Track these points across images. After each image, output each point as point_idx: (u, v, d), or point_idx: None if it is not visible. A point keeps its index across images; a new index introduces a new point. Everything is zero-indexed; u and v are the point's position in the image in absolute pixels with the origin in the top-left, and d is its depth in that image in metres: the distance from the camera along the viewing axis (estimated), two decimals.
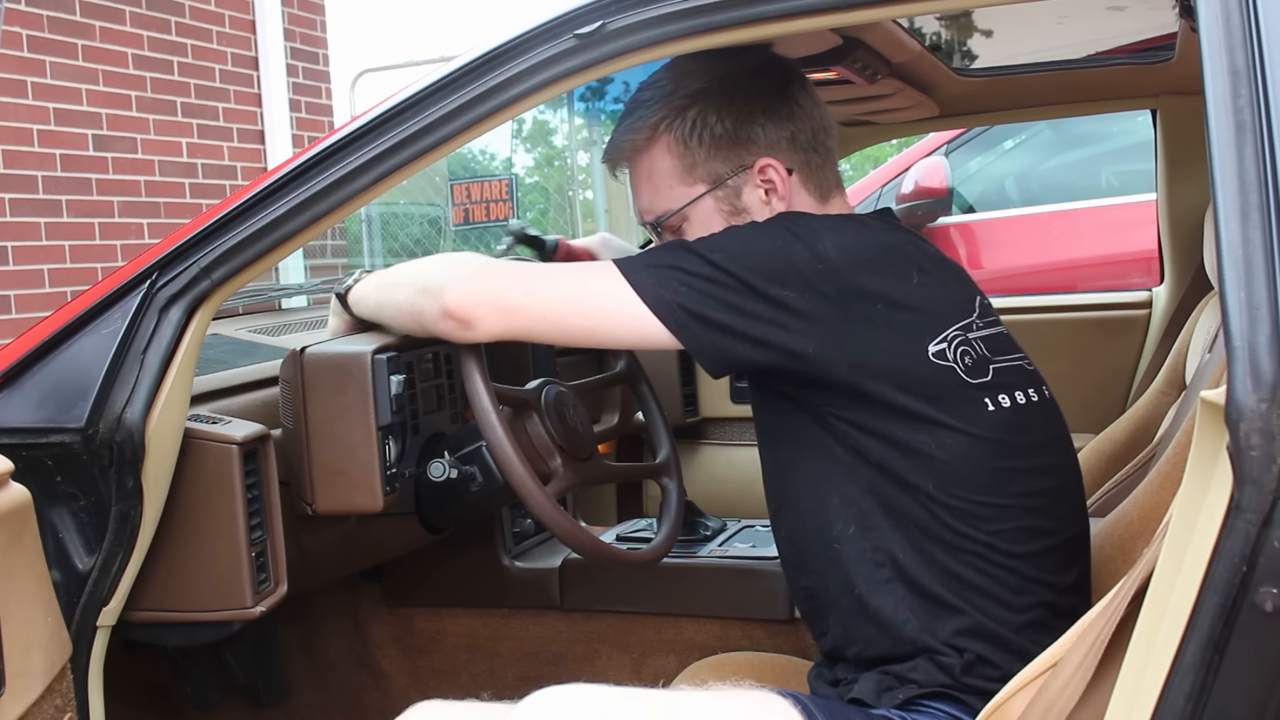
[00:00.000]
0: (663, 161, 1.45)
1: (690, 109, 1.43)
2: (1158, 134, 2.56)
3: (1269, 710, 0.91)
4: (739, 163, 1.42)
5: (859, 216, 1.42)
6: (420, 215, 8.06)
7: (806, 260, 1.27)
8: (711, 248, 1.30)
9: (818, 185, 1.46)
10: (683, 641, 2.05)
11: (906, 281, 1.32)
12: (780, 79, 1.45)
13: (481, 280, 1.35)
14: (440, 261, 1.43)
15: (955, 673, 1.30)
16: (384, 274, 1.55)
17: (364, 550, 1.93)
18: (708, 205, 1.44)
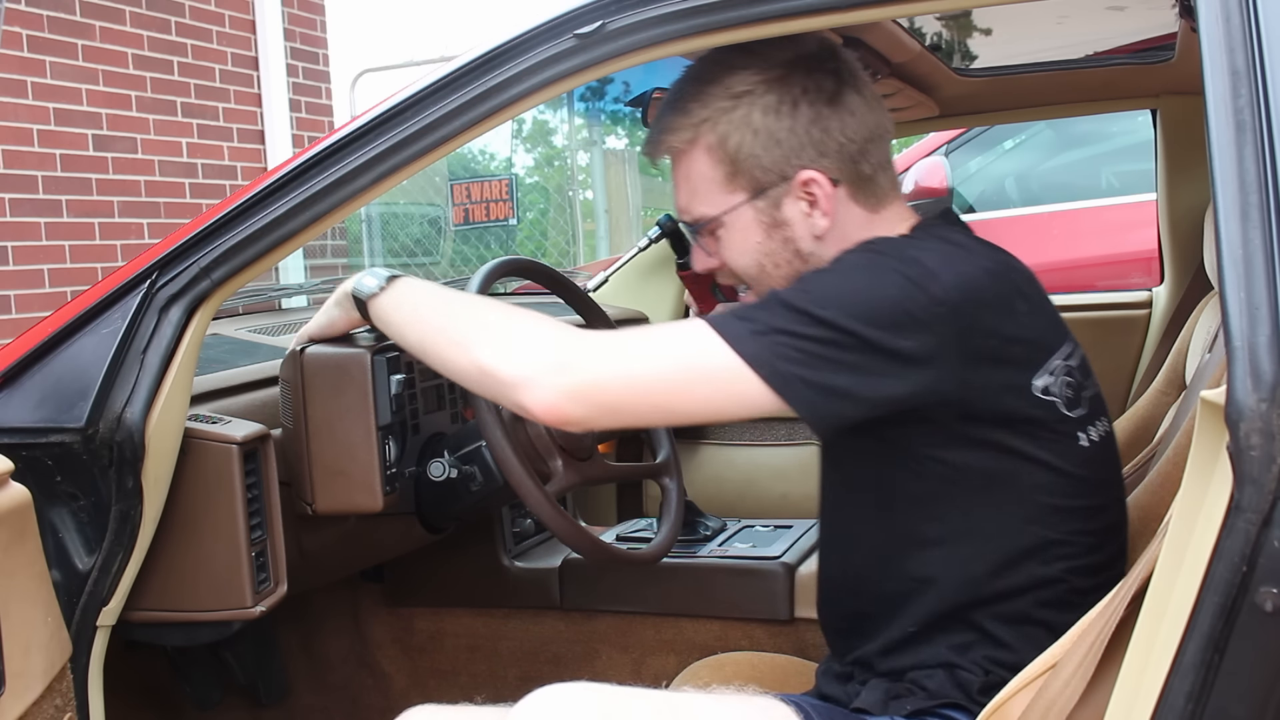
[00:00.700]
0: (701, 164, 1.36)
1: (734, 111, 1.33)
2: (1158, 134, 2.56)
3: (1269, 710, 0.91)
4: (780, 173, 1.33)
5: (954, 237, 1.32)
6: (420, 215, 8.06)
7: (924, 305, 1.19)
8: (819, 302, 1.18)
9: (868, 195, 1.36)
10: (683, 641, 2.05)
11: (1017, 313, 1.26)
12: (833, 82, 1.34)
13: (571, 378, 1.18)
14: (506, 340, 1.24)
15: (972, 690, 1.28)
16: (427, 306, 1.37)
17: (364, 550, 1.93)
18: (746, 215, 1.36)
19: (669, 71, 2.30)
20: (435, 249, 8.03)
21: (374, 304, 1.43)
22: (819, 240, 1.35)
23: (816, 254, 1.35)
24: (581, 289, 1.88)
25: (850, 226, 1.35)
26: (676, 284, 2.90)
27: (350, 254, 7.41)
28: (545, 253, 8.39)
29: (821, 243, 1.35)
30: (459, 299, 1.36)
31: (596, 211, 8.37)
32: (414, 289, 1.42)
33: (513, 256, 1.76)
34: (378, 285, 1.43)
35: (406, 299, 1.40)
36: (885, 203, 1.38)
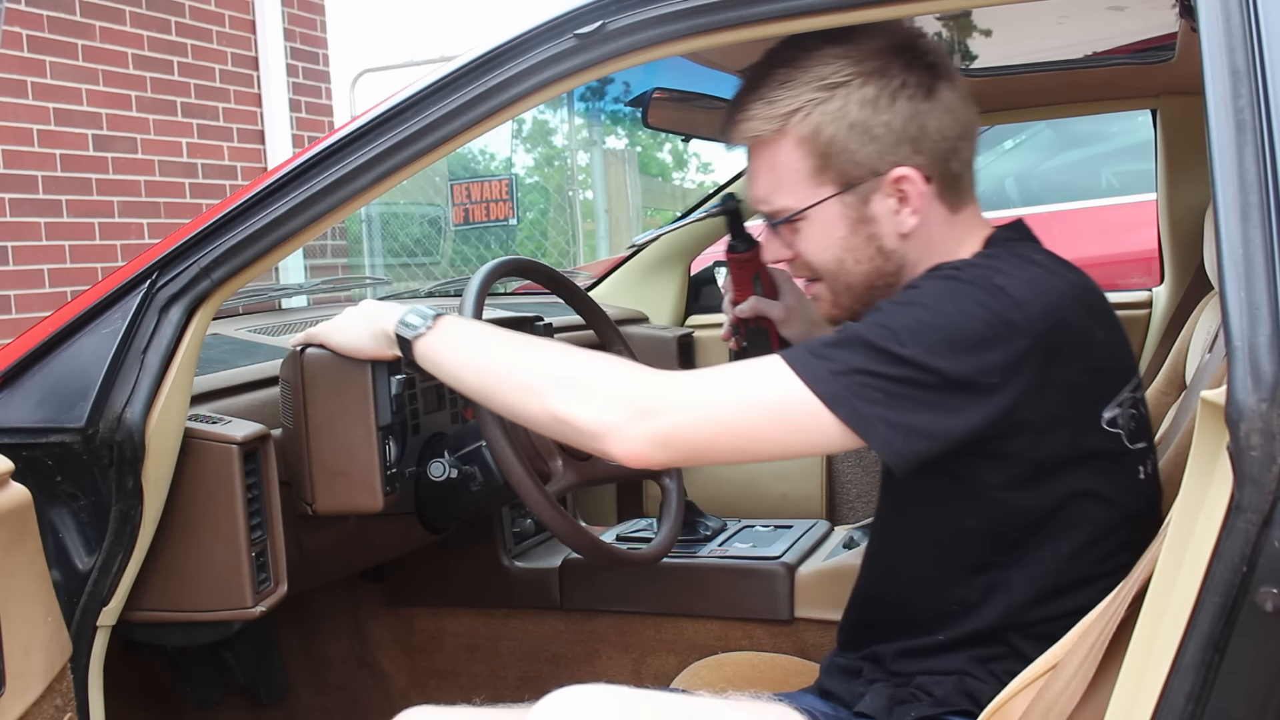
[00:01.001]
0: (789, 156, 1.31)
1: (828, 103, 1.28)
2: (1158, 134, 2.56)
3: (1269, 710, 0.91)
4: (873, 169, 1.29)
5: (1035, 258, 1.28)
6: (420, 215, 8.06)
7: (1007, 337, 1.16)
8: (899, 339, 1.15)
9: (953, 194, 1.33)
10: (683, 641, 2.05)
11: (1095, 343, 1.25)
12: (929, 75, 1.30)
13: (654, 424, 1.17)
14: (582, 388, 1.21)
15: (982, 698, 1.26)
16: (485, 349, 1.33)
17: (364, 550, 1.93)
18: (832, 209, 1.31)
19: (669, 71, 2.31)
20: (435, 249, 8.03)
21: (421, 344, 1.37)
22: (904, 238, 1.32)
23: (899, 252, 1.32)
24: (581, 289, 1.88)
25: (933, 225, 1.32)
26: (677, 284, 2.90)
27: (350, 254, 7.42)
28: (545, 253, 8.39)
29: (906, 241, 1.32)
30: (517, 341, 1.32)
31: (596, 211, 8.37)
32: (464, 329, 1.37)
33: (513, 256, 1.76)
34: (423, 324, 1.37)
35: (462, 341, 1.35)
36: (965, 202, 1.35)
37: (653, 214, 10.01)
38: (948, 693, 1.30)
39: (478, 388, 1.32)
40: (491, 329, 1.36)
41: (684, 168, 13.28)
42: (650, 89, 2.35)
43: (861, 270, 1.34)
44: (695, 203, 2.94)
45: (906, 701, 1.32)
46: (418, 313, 1.39)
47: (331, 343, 1.57)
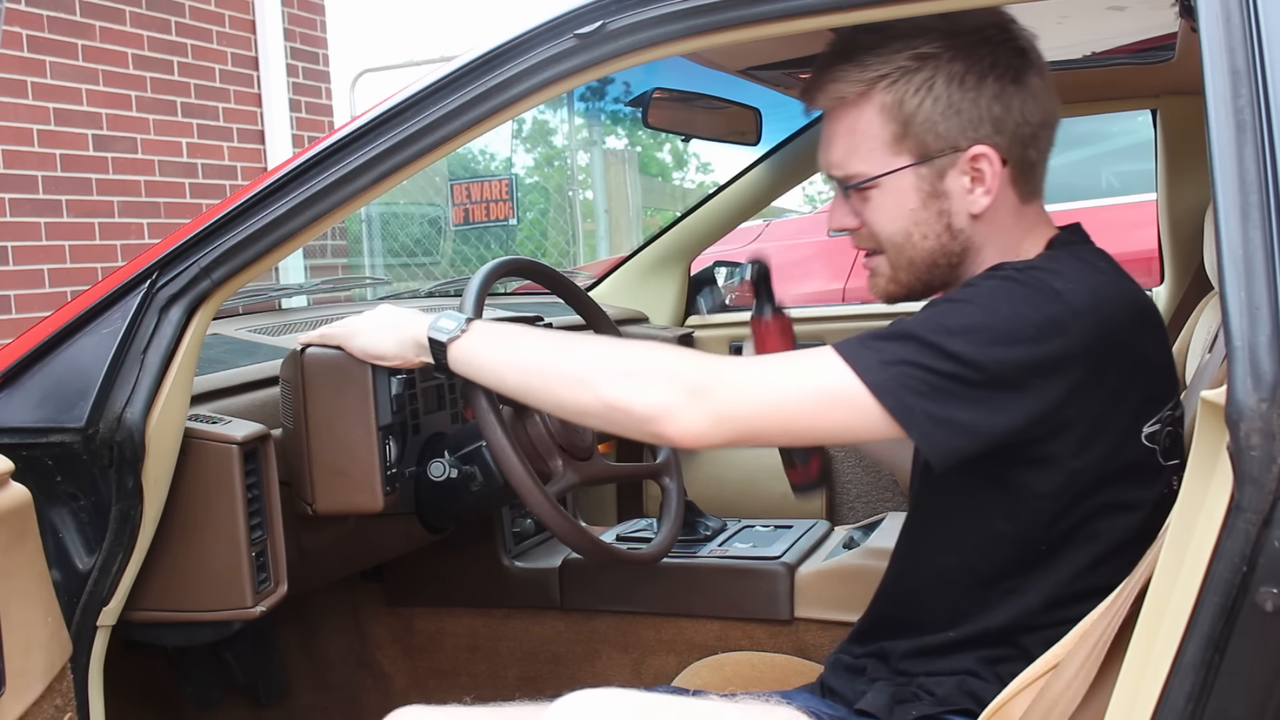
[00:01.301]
0: (871, 122, 1.30)
1: (917, 73, 1.28)
2: (1158, 134, 2.56)
3: (1269, 710, 0.91)
4: (953, 143, 1.28)
5: (1097, 264, 1.29)
6: (420, 215, 8.07)
7: (1059, 340, 1.17)
8: (951, 335, 1.16)
9: (1025, 183, 1.33)
10: (683, 641, 2.05)
11: (1145, 357, 1.25)
12: (1019, 59, 1.30)
13: (709, 404, 1.19)
14: (634, 373, 1.22)
15: (986, 697, 1.25)
16: (528, 347, 1.33)
17: (364, 550, 1.93)
18: (906, 180, 1.30)
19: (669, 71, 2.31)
20: (435, 249, 8.03)
21: (457, 348, 1.36)
22: (974, 220, 1.32)
23: (967, 233, 1.32)
24: (582, 289, 1.88)
25: (1002, 211, 1.32)
26: (677, 284, 2.90)
27: (350, 254, 7.42)
28: (545, 253, 8.39)
29: (975, 223, 1.32)
30: (556, 336, 1.33)
31: (596, 211, 8.38)
32: (499, 329, 1.38)
33: (513, 256, 1.76)
34: (457, 328, 1.37)
35: (500, 341, 1.35)
36: (1034, 195, 1.35)
37: (653, 214, 10.02)
38: (949, 692, 1.30)
39: (522, 385, 1.32)
40: (526, 328, 1.37)
41: (684, 168, 13.29)
42: (650, 89, 2.36)
43: (927, 246, 1.33)
44: (695, 202, 2.94)
45: (908, 701, 1.32)
46: (449, 316, 1.39)
47: (351, 346, 1.54)
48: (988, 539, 1.30)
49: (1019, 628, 1.28)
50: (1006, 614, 1.29)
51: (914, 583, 1.40)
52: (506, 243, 8.02)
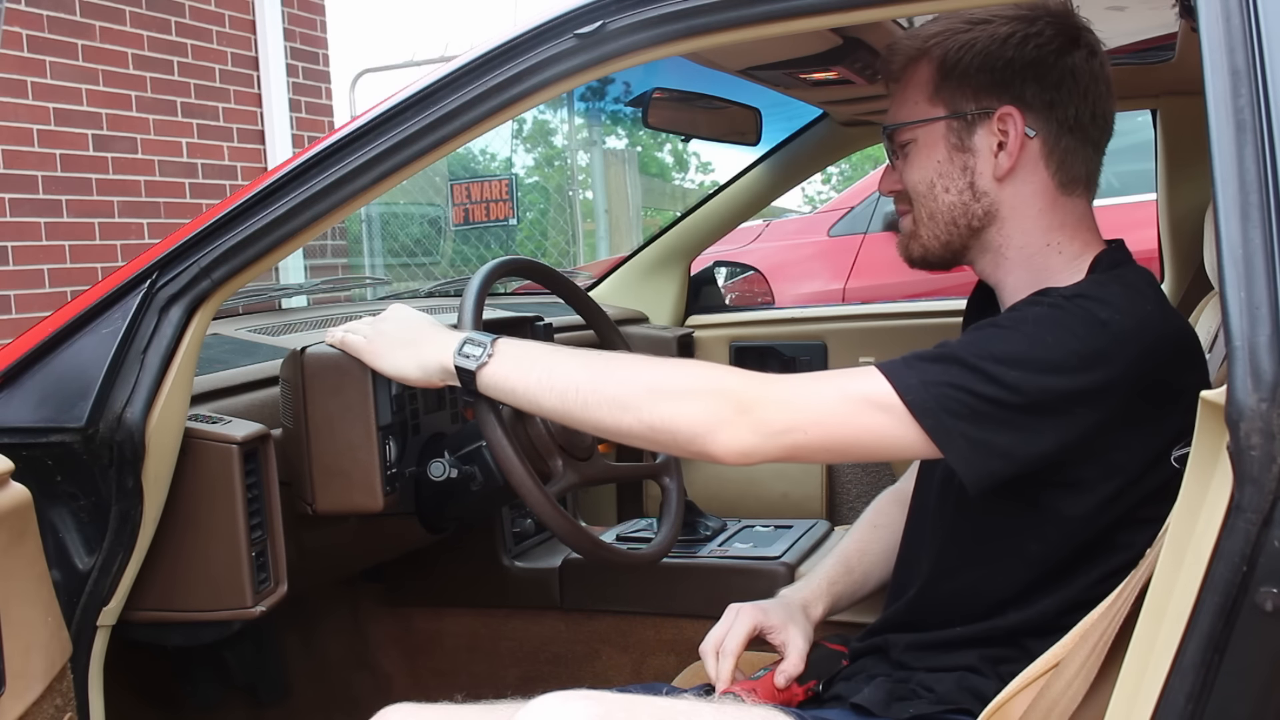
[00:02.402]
0: (920, 74, 1.38)
1: (965, 34, 1.35)
2: (1158, 134, 2.57)
3: (1269, 710, 0.91)
4: (984, 104, 1.34)
5: (1144, 291, 1.28)
6: (420, 215, 8.07)
7: (1100, 370, 1.18)
8: (995, 359, 1.18)
9: (1060, 168, 1.34)
10: (683, 641, 2.05)
11: (1184, 386, 1.23)
12: (1068, 38, 1.35)
13: (755, 420, 1.20)
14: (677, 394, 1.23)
15: (986, 694, 1.25)
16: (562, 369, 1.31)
17: (364, 550, 1.93)
18: (939, 131, 1.36)
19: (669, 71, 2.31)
20: (435, 249, 8.03)
21: (487, 373, 1.35)
22: (998, 183, 1.35)
23: (990, 197, 1.35)
24: (581, 289, 1.88)
25: (1030, 188, 1.34)
26: (677, 284, 2.90)
27: (350, 254, 7.42)
28: (545, 253, 8.39)
29: (1000, 187, 1.34)
30: (588, 357, 1.32)
31: (596, 211, 8.38)
32: (528, 351, 1.36)
33: (513, 256, 1.76)
34: (484, 352, 1.35)
35: (532, 365, 1.33)
36: (1076, 190, 1.36)
37: (653, 214, 10.01)
38: (949, 690, 1.30)
39: (559, 408, 1.30)
40: (554, 347, 1.36)
41: (684, 168, 13.29)
42: (650, 89, 2.36)
43: (948, 201, 1.36)
44: (695, 202, 2.94)
45: (906, 698, 1.32)
46: (473, 341, 1.37)
47: (374, 366, 1.50)
48: (1015, 558, 1.30)
49: (1027, 631, 1.29)
50: (1018, 618, 1.30)
51: (930, 594, 1.40)
52: (506, 243, 8.02)
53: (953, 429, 1.17)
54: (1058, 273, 1.34)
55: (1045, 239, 1.35)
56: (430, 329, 1.44)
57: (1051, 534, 1.27)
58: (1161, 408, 1.22)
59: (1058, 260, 1.34)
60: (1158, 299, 1.29)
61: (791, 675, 1.45)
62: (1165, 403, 1.22)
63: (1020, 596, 1.31)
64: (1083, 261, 1.34)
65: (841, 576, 1.59)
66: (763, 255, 5.35)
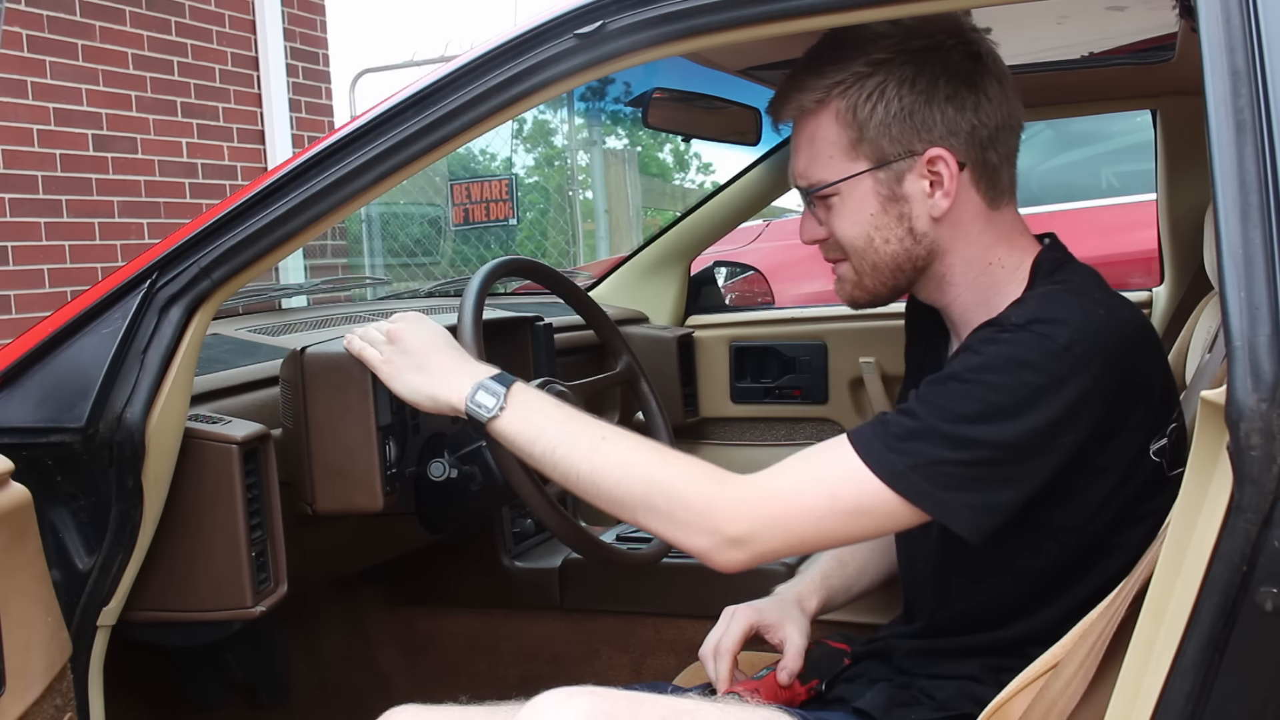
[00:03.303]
0: (829, 129, 1.33)
1: (870, 78, 1.30)
2: (1158, 134, 2.56)
3: (1269, 710, 0.91)
4: (909, 147, 1.30)
5: (1094, 295, 1.27)
6: (420, 215, 8.07)
7: (1073, 394, 1.17)
8: (971, 421, 1.16)
9: (990, 187, 1.33)
10: (683, 641, 2.05)
11: (1150, 381, 1.25)
12: (972, 63, 1.32)
13: (750, 551, 1.21)
14: (674, 518, 1.23)
15: (986, 701, 1.24)
16: (564, 448, 1.28)
17: (364, 550, 1.93)
18: (865, 185, 1.32)
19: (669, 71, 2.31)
20: (435, 249, 8.03)
21: (496, 427, 1.33)
22: (936, 223, 1.32)
23: (931, 237, 1.33)
24: (581, 289, 1.88)
25: (966, 215, 1.33)
26: (677, 284, 2.90)
27: (350, 254, 7.42)
28: (545, 253, 8.39)
29: (938, 226, 1.32)
30: (600, 443, 1.28)
31: (596, 211, 8.38)
32: (538, 416, 1.31)
33: (513, 256, 1.76)
34: (496, 405, 1.32)
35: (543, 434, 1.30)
36: (1003, 201, 1.35)
37: (653, 214, 10.01)
38: (950, 696, 1.30)
39: (562, 483, 1.31)
40: (566, 414, 1.32)
41: (685, 168, 13.29)
42: (650, 89, 2.35)
43: (890, 250, 1.34)
44: (695, 202, 2.94)
45: (907, 704, 1.32)
46: (487, 390, 1.33)
47: (388, 386, 1.46)
48: (1014, 574, 1.30)
49: (1031, 639, 1.29)
50: (1022, 629, 1.30)
51: (935, 621, 1.40)
52: (506, 243, 8.02)
53: (952, 503, 1.16)
54: (1003, 286, 1.33)
55: (987, 258, 1.34)
56: (448, 360, 1.39)
57: (1048, 546, 1.27)
58: (1135, 406, 1.22)
59: (1001, 274, 1.33)
60: (1107, 298, 1.27)
61: (793, 672, 1.45)
62: (1137, 400, 1.22)
63: (1023, 608, 1.31)
64: (1023, 270, 1.33)
65: (835, 571, 1.59)
66: (763, 255, 5.34)
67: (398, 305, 2.68)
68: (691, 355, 2.82)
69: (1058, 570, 1.29)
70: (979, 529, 1.17)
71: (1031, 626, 1.29)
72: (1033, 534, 1.25)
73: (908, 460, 1.16)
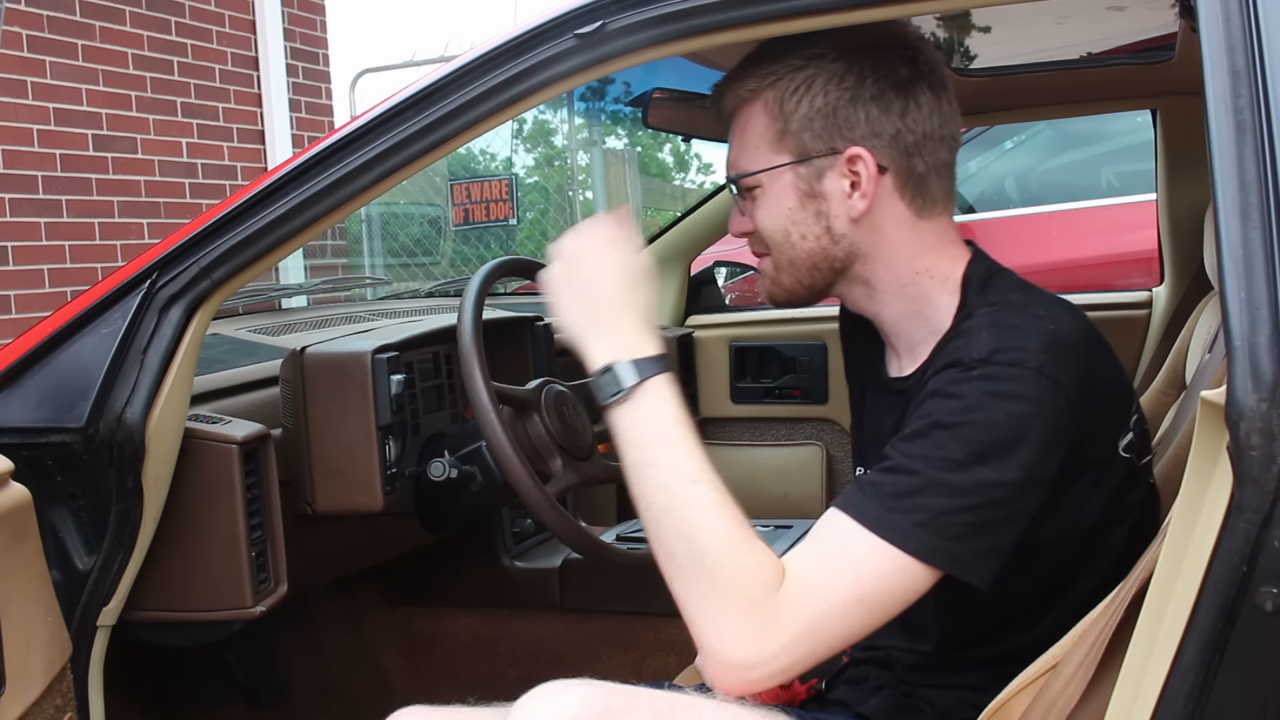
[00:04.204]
0: (758, 119, 1.31)
1: (800, 72, 1.28)
2: (1158, 134, 2.56)
3: (1269, 710, 0.91)
4: (829, 144, 1.28)
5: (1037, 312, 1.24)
6: (420, 215, 8.06)
7: (1056, 417, 1.16)
8: (964, 464, 1.14)
9: (915, 195, 1.30)
10: (683, 641, 2.04)
11: (1106, 382, 1.24)
12: (908, 69, 1.29)
13: (785, 667, 1.14)
14: (705, 610, 1.14)
15: (982, 706, 1.24)
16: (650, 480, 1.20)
17: (364, 550, 1.93)
18: (786, 179, 1.30)
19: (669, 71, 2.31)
20: (435, 249, 8.03)
21: (608, 412, 1.23)
22: (854, 224, 1.30)
23: (849, 239, 1.30)
24: None
25: (889, 221, 1.30)
26: (677, 284, 2.90)
27: (350, 254, 7.42)
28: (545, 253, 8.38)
29: (856, 227, 1.30)
30: (688, 484, 1.18)
31: (596, 211, 8.37)
32: (649, 421, 1.21)
33: (513, 256, 1.76)
34: (619, 392, 1.21)
35: (644, 445, 1.21)
36: (934, 211, 1.32)
37: (652, 214, 10.01)
38: (953, 704, 1.31)
39: (634, 500, 1.22)
40: (678, 433, 1.21)
41: (685, 168, 13.29)
42: (650, 89, 2.36)
43: (806, 247, 1.32)
44: (695, 202, 2.94)
45: (910, 712, 1.32)
46: (620, 372, 1.21)
47: (549, 304, 1.32)
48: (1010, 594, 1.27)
49: (1034, 647, 1.28)
50: (1023, 639, 1.29)
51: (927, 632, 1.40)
52: (506, 243, 8.02)
53: (964, 553, 1.14)
54: (933, 297, 1.31)
55: (914, 268, 1.31)
56: (611, 309, 1.25)
57: (1041, 564, 1.27)
58: (1101, 410, 1.22)
59: (930, 285, 1.31)
60: (1048, 312, 1.25)
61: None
62: (1102, 404, 1.22)
63: (1021, 621, 1.30)
64: (954, 280, 1.31)
65: None
66: None
67: (398, 305, 2.68)
68: (691, 355, 2.83)
69: (1051, 583, 1.28)
70: (989, 573, 1.16)
71: (1032, 636, 1.29)
72: (1026, 557, 1.23)
73: (913, 517, 1.13)
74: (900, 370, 1.36)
